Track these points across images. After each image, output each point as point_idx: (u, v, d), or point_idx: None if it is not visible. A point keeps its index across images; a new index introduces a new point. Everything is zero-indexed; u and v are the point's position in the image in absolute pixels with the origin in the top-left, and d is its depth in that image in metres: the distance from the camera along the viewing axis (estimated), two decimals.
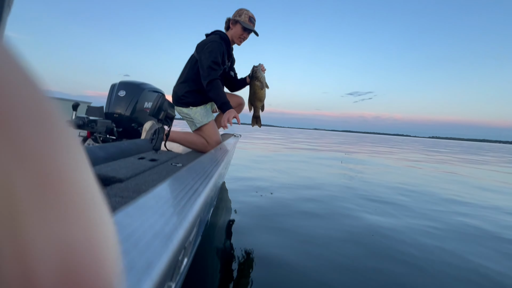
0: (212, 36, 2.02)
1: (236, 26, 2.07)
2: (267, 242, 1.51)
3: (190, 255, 1.00)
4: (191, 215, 0.37)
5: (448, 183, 4.04)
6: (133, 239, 0.28)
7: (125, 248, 0.26)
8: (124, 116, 2.21)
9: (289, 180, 3.30)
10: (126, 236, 0.28)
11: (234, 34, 2.09)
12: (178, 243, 0.31)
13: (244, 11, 2.08)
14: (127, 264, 0.24)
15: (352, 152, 8.53)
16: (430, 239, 1.71)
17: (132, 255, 0.25)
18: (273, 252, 1.39)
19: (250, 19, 2.07)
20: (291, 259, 1.33)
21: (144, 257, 0.25)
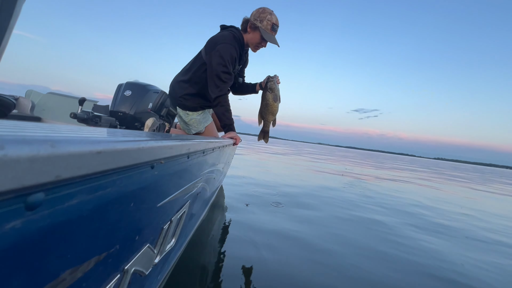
0: (225, 34, 1.71)
1: (255, 33, 1.74)
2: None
3: (174, 256, 1.02)
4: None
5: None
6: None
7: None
8: (128, 115, 2.27)
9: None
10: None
11: (251, 41, 1.78)
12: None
13: (267, 15, 1.70)
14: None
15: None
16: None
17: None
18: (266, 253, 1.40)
19: (273, 26, 1.72)
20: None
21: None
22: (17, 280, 0.23)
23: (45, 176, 0.20)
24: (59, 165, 0.21)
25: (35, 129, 0.22)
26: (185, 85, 1.78)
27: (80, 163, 0.23)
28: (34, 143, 0.18)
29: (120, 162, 0.29)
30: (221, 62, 1.61)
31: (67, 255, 0.29)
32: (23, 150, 0.17)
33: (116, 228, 0.39)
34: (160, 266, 0.81)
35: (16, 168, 0.17)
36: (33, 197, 0.21)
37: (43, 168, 0.19)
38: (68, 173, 0.22)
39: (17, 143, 0.17)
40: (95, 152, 0.24)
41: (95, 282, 0.39)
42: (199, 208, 1.40)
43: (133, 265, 0.53)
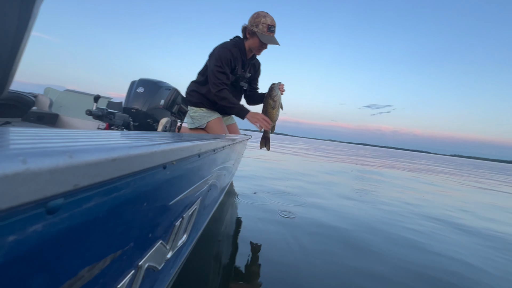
0: (226, 41, 1.90)
1: (254, 38, 1.85)
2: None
3: (187, 249, 1.04)
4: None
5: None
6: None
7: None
8: (141, 112, 2.32)
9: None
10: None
11: (252, 46, 1.89)
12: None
13: (262, 18, 1.80)
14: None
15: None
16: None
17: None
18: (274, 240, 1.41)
19: (269, 28, 1.80)
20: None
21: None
22: (40, 277, 0.24)
23: (64, 185, 0.21)
24: (77, 174, 0.22)
25: (54, 138, 0.23)
26: (195, 85, 2.00)
27: (97, 171, 0.24)
28: (54, 155, 0.19)
29: (134, 167, 0.30)
30: (216, 63, 1.78)
31: (85, 253, 0.30)
32: (43, 163, 0.18)
33: (130, 227, 0.41)
34: (172, 261, 0.83)
35: (37, 180, 0.18)
36: (53, 202, 0.22)
37: (62, 178, 0.20)
38: (86, 181, 0.23)
39: (38, 156, 0.18)
40: (111, 160, 0.25)
41: (111, 278, 0.40)
42: (210, 204, 1.42)
43: (147, 261, 0.55)
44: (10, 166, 0.16)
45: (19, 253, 0.21)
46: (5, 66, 0.83)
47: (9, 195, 0.16)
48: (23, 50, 0.88)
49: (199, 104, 2.01)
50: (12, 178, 0.16)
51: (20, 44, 0.86)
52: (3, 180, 0.16)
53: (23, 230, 0.20)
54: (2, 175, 0.16)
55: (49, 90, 2.82)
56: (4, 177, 0.16)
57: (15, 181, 0.17)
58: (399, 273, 1.32)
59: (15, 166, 0.16)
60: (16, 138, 0.23)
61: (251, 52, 1.94)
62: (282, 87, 1.90)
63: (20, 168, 0.17)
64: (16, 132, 0.26)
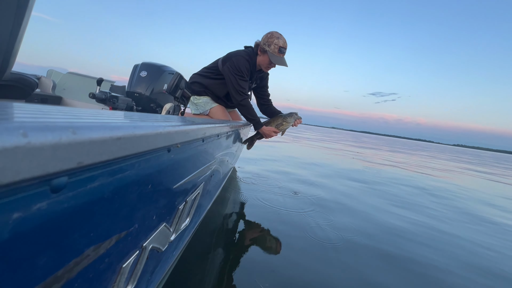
0: (241, 50, 1.99)
1: (264, 56, 1.97)
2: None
3: (191, 231, 1.06)
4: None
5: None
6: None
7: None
8: (144, 96, 2.30)
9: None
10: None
11: (261, 63, 2.01)
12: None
13: (275, 39, 1.91)
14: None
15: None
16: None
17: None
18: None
19: (280, 49, 1.92)
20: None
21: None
22: (46, 256, 0.25)
23: (68, 162, 0.20)
24: (81, 151, 0.21)
25: (56, 114, 0.23)
26: (199, 77, 2.08)
27: (101, 149, 0.23)
28: (56, 130, 0.19)
29: (139, 148, 0.30)
30: (238, 72, 1.89)
31: (90, 233, 0.30)
32: (46, 137, 0.18)
33: (134, 209, 0.41)
34: (176, 243, 0.85)
35: (39, 155, 0.18)
36: (57, 180, 0.21)
37: (66, 155, 0.20)
38: (90, 159, 0.22)
39: (40, 130, 0.17)
40: (115, 138, 0.25)
41: (116, 257, 0.41)
42: (213, 189, 1.43)
43: (151, 242, 0.56)
44: (9, 139, 0.15)
45: (24, 230, 0.20)
46: (7, 45, 0.82)
47: (9, 170, 0.16)
48: (24, 29, 0.87)
49: (202, 92, 2.08)
50: (12, 151, 0.16)
51: (21, 23, 0.84)
52: (2, 153, 0.15)
53: (27, 208, 0.20)
54: (1, 148, 0.15)
55: (52, 72, 2.80)
56: (3, 150, 0.15)
57: (16, 155, 0.16)
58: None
59: (15, 139, 0.16)
60: (17, 112, 0.22)
61: (259, 67, 2.05)
62: (299, 121, 2.16)
63: (20, 141, 0.16)
64: (18, 107, 0.25)
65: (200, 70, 2.16)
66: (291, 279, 1.05)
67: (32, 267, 0.23)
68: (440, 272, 1.28)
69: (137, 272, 0.54)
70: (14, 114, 0.21)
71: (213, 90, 2.07)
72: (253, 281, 1.01)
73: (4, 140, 0.15)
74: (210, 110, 2.10)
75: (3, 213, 0.18)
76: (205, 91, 2.09)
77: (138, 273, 0.54)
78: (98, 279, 0.38)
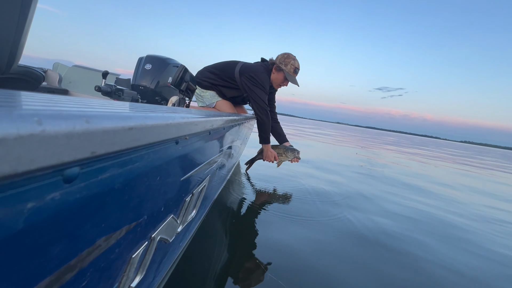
0: (260, 67, 2.08)
1: (279, 74, 2.10)
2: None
3: (196, 222, 1.08)
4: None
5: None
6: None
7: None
8: (149, 89, 2.30)
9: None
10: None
11: (275, 80, 2.14)
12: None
13: (291, 60, 2.06)
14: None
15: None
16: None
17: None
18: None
19: (295, 70, 2.09)
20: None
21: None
22: (60, 245, 0.25)
23: (82, 152, 0.20)
24: (94, 141, 0.21)
25: (68, 103, 0.23)
26: (210, 75, 2.12)
27: (114, 139, 0.23)
28: (70, 118, 0.18)
29: (150, 138, 0.30)
30: (261, 87, 2.02)
31: (102, 224, 0.30)
32: (60, 126, 0.17)
33: (143, 200, 0.41)
34: (182, 234, 0.86)
35: (54, 144, 0.17)
36: (70, 171, 0.21)
37: (79, 144, 0.20)
38: (103, 149, 0.22)
39: (54, 118, 0.17)
40: (127, 128, 0.25)
41: (126, 248, 0.41)
42: (218, 182, 1.44)
43: (159, 233, 0.56)
44: (25, 126, 0.15)
45: (39, 220, 0.21)
46: (13, 38, 0.82)
47: (25, 158, 0.15)
48: (30, 22, 0.86)
49: (209, 87, 2.14)
50: (27, 139, 0.15)
51: (27, 15, 0.84)
52: (17, 141, 0.15)
53: (42, 198, 0.20)
54: (17, 136, 0.15)
55: (57, 65, 2.81)
56: (18, 137, 0.15)
57: (31, 143, 0.16)
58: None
59: (30, 127, 0.16)
60: (29, 101, 0.22)
61: (271, 83, 2.17)
62: (297, 160, 2.35)
63: (35, 129, 0.16)
64: (28, 95, 0.25)
65: (212, 66, 2.18)
66: (291, 268, 1.06)
67: (46, 256, 0.23)
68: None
69: (145, 263, 0.54)
70: (26, 102, 0.21)
71: (223, 91, 2.13)
72: (249, 279, 1.02)
73: (19, 127, 0.15)
74: (217, 103, 2.13)
75: (18, 202, 0.18)
76: (212, 88, 2.14)
77: (147, 264, 0.55)
78: (109, 268, 0.38)
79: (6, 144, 0.14)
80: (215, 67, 2.16)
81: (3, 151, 0.14)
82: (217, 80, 2.12)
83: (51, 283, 0.24)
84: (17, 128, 0.14)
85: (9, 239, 0.18)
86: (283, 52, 2.21)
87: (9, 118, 0.14)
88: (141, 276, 0.54)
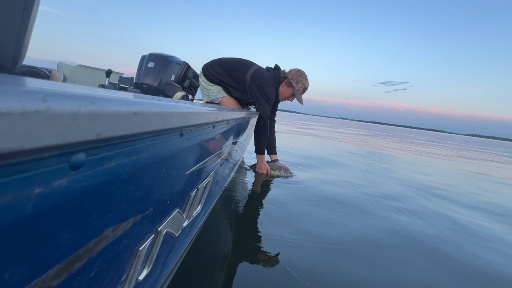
0: (270, 77, 2.14)
1: (288, 89, 2.18)
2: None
3: (201, 220, 1.08)
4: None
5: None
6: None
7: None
8: (152, 87, 2.31)
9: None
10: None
11: (282, 93, 2.22)
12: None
13: (303, 80, 2.15)
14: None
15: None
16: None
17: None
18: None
19: (304, 90, 2.18)
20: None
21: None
22: (67, 233, 0.25)
23: (87, 133, 0.20)
24: (99, 123, 0.21)
25: (72, 88, 0.23)
26: (220, 71, 2.11)
27: (119, 123, 0.23)
28: (75, 99, 0.18)
29: (154, 125, 0.30)
30: (268, 100, 2.09)
31: (109, 214, 0.30)
32: (65, 105, 0.17)
33: (149, 192, 0.41)
34: (188, 229, 0.86)
35: (59, 122, 0.17)
36: (76, 157, 0.21)
37: (85, 125, 0.19)
38: (108, 132, 0.22)
39: (59, 96, 0.17)
40: (132, 113, 0.24)
41: (133, 240, 0.42)
42: (223, 178, 1.44)
43: (165, 227, 0.56)
44: (30, 102, 0.15)
45: (46, 206, 0.21)
46: (17, 36, 0.82)
47: (31, 134, 0.15)
48: (34, 20, 0.87)
49: (216, 82, 2.15)
50: (33, 115, 0.15)
51: (30, 13, 0.84)
52: (23, 116, 0.15)
53: (49, 183, 0.20)
54: (22, 111, 0.14)
55: (62, 65, 2.83)
56: (24, 112, 0.15)
57: (36, 120, 0.16)
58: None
59: (35, 103, 0.15)
60: (33, 82, 0.22)
61: (277, 94, 2.25)
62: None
63: (40, 106, 0.16)
64: (31, 80, 0.25)
65: (224, 61, 2.18)
66: (298, 262, 1.06)
67: (55, 243, 0.23)
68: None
69: (152, 256, 0.55)
70: (29, 82, 0.21)
71: (230, 89, 2.16)
72: (259, 270, 1.02)
73: (24, 103, 0.14)
74: (222, 99, 2.13)
75: (26, 187, 0.18)
76: (220, 83, 2.15)
77: (154, 257, 0.55)
78: (116, 260, 0.38)
79: (12, 118, 0.14)
80: (228, 63, 2.16)
81: (8, 125, 0.13)
82: (226, 77, 2.13)
83: (60, 271, 0.25)
84: (22, 104, 0.14)
85: (19, 224, 0.18)
86: (296, 68, 2.27)
87: (13, 94, 0.14)
88: (148, 269, 0.54)
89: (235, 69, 2.11)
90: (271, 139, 2.51)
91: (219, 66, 2.13)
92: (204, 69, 2.15)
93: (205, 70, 2.13)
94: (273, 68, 2.33)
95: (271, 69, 2.31)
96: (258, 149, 2.28)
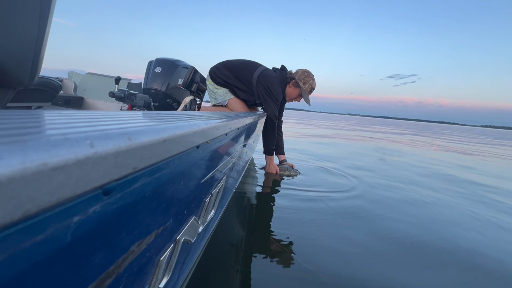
0: (276, 78, 2.13)
1: (295, 90, 2.19)
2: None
3: (216, 219, 1.09)
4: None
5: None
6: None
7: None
8: (160, 92, 2.34)
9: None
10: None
11: (289, 94, 2.22)
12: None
13: (310, 80, 2.15)
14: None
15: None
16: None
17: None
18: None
19: (311, 90, 2.19)
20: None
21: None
22: (100, 254, 0.26)
23: (126, 168, 0.21)
24: (136, 157, 0.22)
25: (105, 119, 0.24)
26: (227, 74, 2.13)
27: (151, 153, 0.24)
28: (115, 137, 0.19)
29: (179, 148, 0.31)
30: (276, 100, 2.09)
31: (135, 231, 0.32)
32: (108, 146, 0.18)
33: (169, 205, 0.43)
34: (202, 234, 0.88)
35: (104, 164, 0.18)
36: (110, 184, 0.22)
37: (124, 161, 0.21)
38: (143, 163, 0.23)
39: (102, 138, 0.18)
40: (162, 141, 0.25)
41: (155, 251, 0.43)
42: (234, 180, 1.45)
43: (183, 235, 0.58)
44: (81, 150, 0.16)
45: (83, 232, 0.22)
46: (34, 51, 0.85)
47: (82, 181, 0.17)
48: (48, 34, 0.90)
49: (222, 85, 2.17)
50: (83, 163, 0.16)
51: (45, 28, 0.87)
52: (76, 165, 0.16)
53: (85, 211, 0.21)
54: (76, 160, 0.16)
55: (72, 74, 2.90)
56: (77, 162, 0.16)
57: (86, 166, 0.17)
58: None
59: (85, 150, 0.16)
60: (73, 121, 0.23)
61: (284, 95, 2.25)
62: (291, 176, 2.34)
63: (89, 152, 0.17)
64: (68, 114, 0.26)
65: (230, 63, 2.19)
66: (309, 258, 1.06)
67: (89, 265, 0.24)
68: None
69: (172, 264, 0.56)
70: (71, 123, 0.22)
71: (237, 92, 2.17)
72: (274, 266, 1.02)
73: (76, 152, 0.16)
74: (229, 101, 2.15)
75: (67, 218, 0.19)
76: (226, 85, 2.16)
77: (173, 265, 0.57)
78: (140, 272, 0.40)
79: (67, 170, 0.15)
80: (234, 65, 2.17)
81: (64, 177, 0.15)
82: (233, 79, 2.14)
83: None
84: (75, 153, 0.15)
85: (60, 251, 0.19)
86: (303, 68, 2.26)
87: (66, 143, 0.15)
88: (168, 277, 0.56)
89: (242, 71, 2.12)
90: (278, 139, 2.50)
91: (226, 68, 2.14)
92: (211, 72, 2.16)
93: (212, 73, 2.14)
94: (279, 68, 2.33)
95: (277, 69, 2.30)
96: (267, 150, 2.29)
